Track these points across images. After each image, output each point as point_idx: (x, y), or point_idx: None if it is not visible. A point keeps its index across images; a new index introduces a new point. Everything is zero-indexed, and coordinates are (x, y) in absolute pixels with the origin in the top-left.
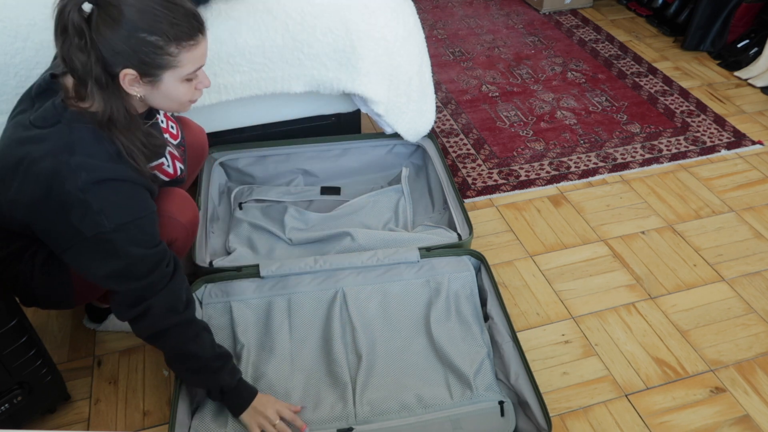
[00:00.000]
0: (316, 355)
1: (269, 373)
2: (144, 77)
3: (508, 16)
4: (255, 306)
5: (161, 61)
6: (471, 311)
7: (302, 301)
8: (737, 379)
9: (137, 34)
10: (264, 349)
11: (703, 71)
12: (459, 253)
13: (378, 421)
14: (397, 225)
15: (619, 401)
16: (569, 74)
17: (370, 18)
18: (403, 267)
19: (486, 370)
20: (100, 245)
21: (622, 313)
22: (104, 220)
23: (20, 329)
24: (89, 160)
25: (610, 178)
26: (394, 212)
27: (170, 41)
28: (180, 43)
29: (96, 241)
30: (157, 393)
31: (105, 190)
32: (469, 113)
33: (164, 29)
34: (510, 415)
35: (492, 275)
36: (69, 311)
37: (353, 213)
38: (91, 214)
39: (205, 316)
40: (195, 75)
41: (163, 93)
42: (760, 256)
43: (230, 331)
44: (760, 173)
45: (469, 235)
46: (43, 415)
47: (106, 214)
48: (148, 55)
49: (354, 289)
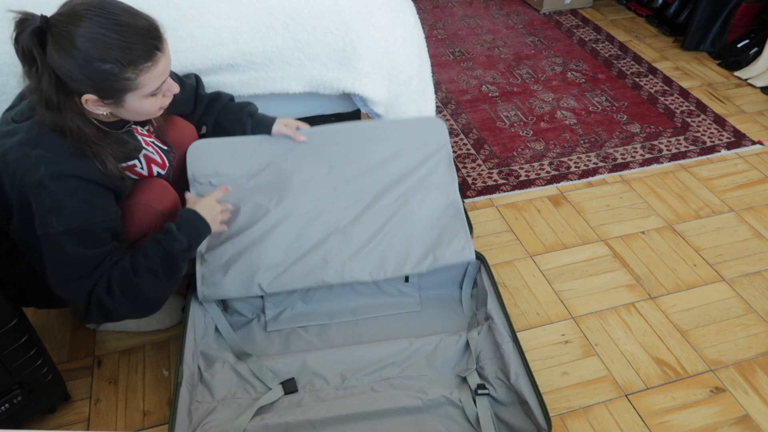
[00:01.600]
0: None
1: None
2: (106, 99)
3: (508, 16)
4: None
5: (120, 86)
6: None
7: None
8: (737, 379)
9: (91, 64)
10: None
11: (703, 71)
12: None
13: None
14: None
15: (619, 401)
16: (569, 74)
17: (370, 18)
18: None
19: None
20: (47, 245)
21: (622, 313)
22: (53, 220)
23: (20, 329)
24: (49, 155)
25: (610, 178)
26: None
27: (125, 67)
28: (137, 67)
29: (45, 240)
30: (157, 393)
31: (61, 187)
32: (469, 113)
33: (117, 56)
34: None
35: (492, 275)
36: (69, 312)
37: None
38: (43, 212)
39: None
40: (159, 89)
41: (129, 110)
42: (760, 256)
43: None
44: (760, 173)
45: (470, 234)
46: (43, 415)
47: (57, 214)
48: (104, 82)
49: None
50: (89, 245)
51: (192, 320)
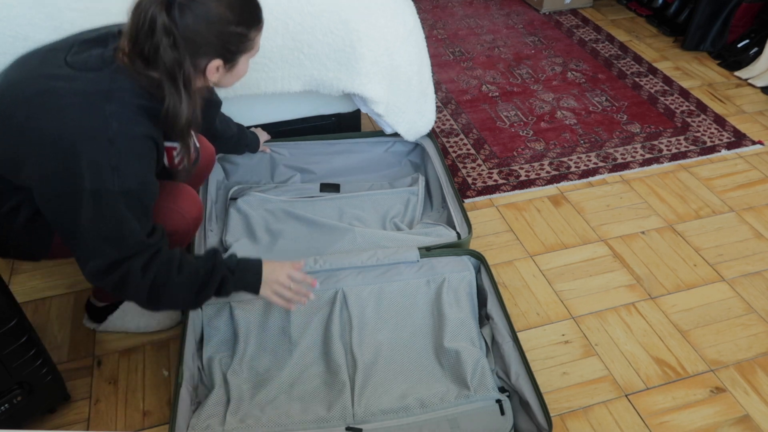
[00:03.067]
0: (315, 356)
1: (269, 376)
2: (227, 64)
3: (508, 16)
4: (255, 306)
5: (243, 47)
6: (469, 311)
7: None
8: (737, 379)
9: (227, 27)
10: (264, 350)
11: (703, 71)
12: (459, 252)
13: (375, 421)
14: (403, 221)
15: (619, 401)
16: (569, 74)
17: (370, 18)
18: (403, 266)
19: (483, 369)
20: (96, 201)
21: (622, 313)
22: (115, 178)
23: (20, 329)
24: (125, 111)
25: (610, 178)
26: (404, 206)
27: (251, 27)
28: (257, 27)
29: (93, 195)
30: (157, 393)
31: (132, 147)
32: (469, 113)
33: (246, 18)
34: (509, 413)
35: (492, 275)
36: (68, 312)
37: (360, 200)
38: (104, 168)
39: (205, 317)
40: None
41: (235, 74)
42: (760, 256)
43: (231, 331)
44: (760, 173)
45: (468, 233)
46: (43, 415)
47: (120, 173)
48: (234, 45)
49: (354, 289)
50: (137, 212)
51: (191, 321)
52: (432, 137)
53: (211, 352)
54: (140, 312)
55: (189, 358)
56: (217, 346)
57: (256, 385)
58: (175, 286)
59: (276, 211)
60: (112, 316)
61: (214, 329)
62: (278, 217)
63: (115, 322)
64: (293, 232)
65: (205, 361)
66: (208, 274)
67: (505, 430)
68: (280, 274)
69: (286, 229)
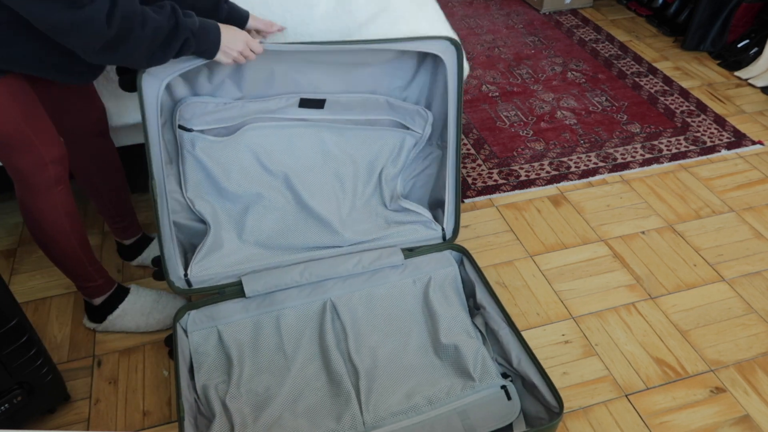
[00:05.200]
0: (314, 369)
1: (270, 396)
2: None
3: (508, 16)
4: (244, 327)
5: None
6: (459, 304)
7: (291, 316)
8: (737, 379)
9: None
10: (260, 370)
11: (703, 71)
12: (441, 248)
13: (387, 425)
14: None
15: (619, 401)
16: (569, 74)
17: (369, 25)
18: (388, 270)
19: (484, 357)
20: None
21: (622, 313)
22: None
23: (20, 329)
24: None
25: (610, 178)
26: (399, 148)
27: None
28: None
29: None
30: (157, 393)
31: None
32: (469, 113)
33: None
34: (515, 397)
35: (476, 265)
36: (68, 312)
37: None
38: None
39: (192, 345)
40: None
41: None
42: (760, 256)
43: (223, 356)
44: (760, 173)
45: (453, 233)
46: (43, 415)
47: None
48: None
49: (342, 298)
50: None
51: (181, 351)
52: (458, 46)
53: (204, 380)
54: (140, 312)
55: (185, 389)
56: (209, 372)
57: (257, 407)
58: (137, 39)
59: (243, 154)
60: (111, 315)
61: (203, 355)
62: (249, 172)
63: (115, 322)
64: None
65: (200, 390)
66: (172, 33)
67: (514, 414)
68: (239, 43)
69: (262, 192)
